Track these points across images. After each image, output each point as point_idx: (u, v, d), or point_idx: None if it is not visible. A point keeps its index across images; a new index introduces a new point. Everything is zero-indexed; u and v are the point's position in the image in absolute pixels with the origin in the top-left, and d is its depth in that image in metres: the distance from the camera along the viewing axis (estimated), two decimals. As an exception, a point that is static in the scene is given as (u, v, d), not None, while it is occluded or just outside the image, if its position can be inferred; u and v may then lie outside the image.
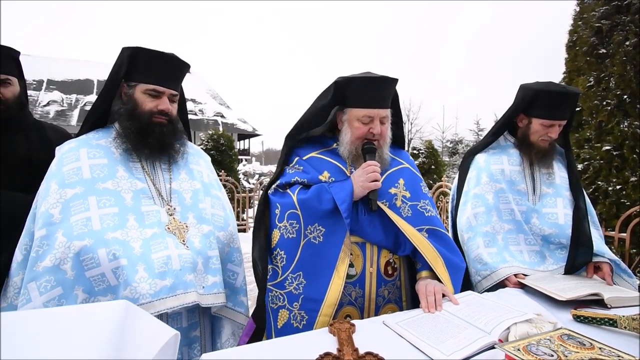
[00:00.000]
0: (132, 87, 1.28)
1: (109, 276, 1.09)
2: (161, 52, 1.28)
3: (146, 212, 1.23)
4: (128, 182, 1.24)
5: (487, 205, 1.62)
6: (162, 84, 1.28)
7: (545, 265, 1.55)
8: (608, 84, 3.18)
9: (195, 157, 1.48)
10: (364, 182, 1.25)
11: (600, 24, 3.21)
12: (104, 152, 1.26)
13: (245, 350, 0.95)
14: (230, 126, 25.40)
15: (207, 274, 1.24)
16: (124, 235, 1.14)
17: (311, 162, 1.39)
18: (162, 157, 1.34)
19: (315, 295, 1.22)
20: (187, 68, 1.37)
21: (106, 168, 1.23)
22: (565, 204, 1.62)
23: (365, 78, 1.32)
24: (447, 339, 0.94)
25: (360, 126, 1.32)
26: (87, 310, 0.79)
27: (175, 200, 1.31)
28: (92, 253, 1.08)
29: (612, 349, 0.86)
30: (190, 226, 1.28)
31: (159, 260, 1.14)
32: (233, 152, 8.05)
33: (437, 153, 8.96)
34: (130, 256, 1.11)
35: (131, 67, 1.26)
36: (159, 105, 1.28)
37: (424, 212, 1.37)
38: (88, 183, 1.18)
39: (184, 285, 1.14)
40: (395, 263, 1.35)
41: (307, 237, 1.28)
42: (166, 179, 1.34)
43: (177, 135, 1.36)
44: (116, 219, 1.16)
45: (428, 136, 17.14)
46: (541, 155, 1.65)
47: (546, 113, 1.59)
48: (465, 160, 1.83)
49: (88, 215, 1.13)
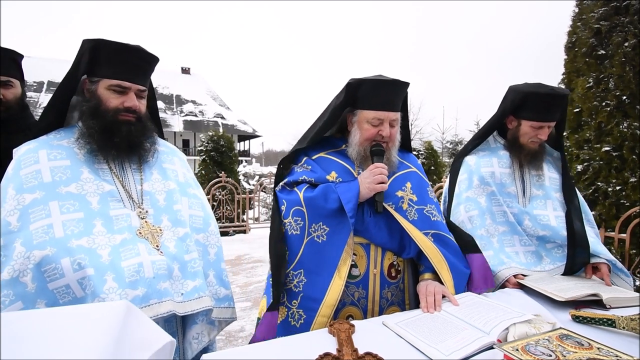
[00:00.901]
0: (94, 82, 1.18)
1: (74, 287, 1.00)
2: (125, 44, 1.18)
3: (115, 217, 1.14)
4: (94, 185, 1.15)
5: (480, 208, 1.62)
6: (128, 79, 1.19)
7: (542, 265, 1.55)
8: (607, 85, 3.19)
9: (169, 155, 1.39)
10: (371, 184, 1.26)
11: (600, 25, 3.22)
12: (66, 153, 1.16)
13: (246, 351, 0.95)
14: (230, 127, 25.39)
15: (185, 279, 1.16)
16: (90, 243, 1.05)
17: (319, 162, 1.40)
18: (132, 157, 1.25)
19: (314, 295, 1.22)
20: (156, 61, 1.28)
21: (69, 170, 1.13)
22: (555, 206, 1.61)
23: (377, 80, 1.33)
24: (446, 339, 0.95)
25: (370, 128, 1.33)
26: (88, 310, 0.79)
27: (147, 203, 1.23)
28: (55, 263, 1.00)
29: (611, 349, 0.87)
30: (165, 229, 1.21)
31: (130, 268, 1.06)
32: (233, 153, 8.06)
33: (437, 154, 8.97)
34: (98, 265, 1.03)
35: (93, 61, 1.16)
36: (125, 102, 1.19)
37: (430, 217, 1.38)
38: (49, 187, 1.09)
39: (157, 295, 1.07)
40: (399, 265, 1.36)
41: (311, 235, 1.28)
42: (137, 180, 1.25)
43: (146, 133, 1.27)
44: (81, 225, 1.07)
45: (428, 137, 17.15)
46: (531, 157, 1.65)
47: (535, 115, 1.58)
48: (455, 161, 1.82)
49: (49, 222, 1.04)
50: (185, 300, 1.14)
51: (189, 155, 35.96)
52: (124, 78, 1.19)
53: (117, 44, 1.17)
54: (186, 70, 43.54)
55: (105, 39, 1.16)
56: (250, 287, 4.32)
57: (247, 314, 3.46)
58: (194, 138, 33.67)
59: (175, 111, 35.60)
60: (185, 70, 43.37)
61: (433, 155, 8.74)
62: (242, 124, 30.70)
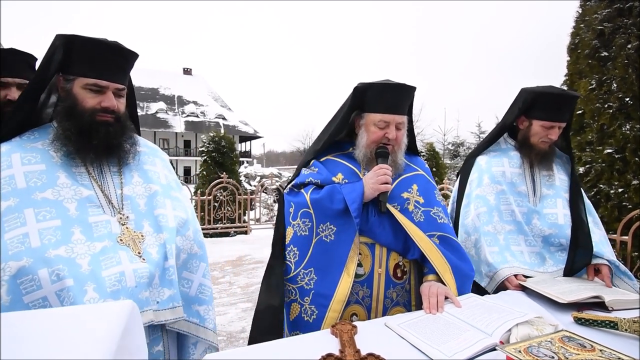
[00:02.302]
0: (70, 81, 1.12)
1: (52, 300, 0.95)
2: (102, 40, 1.12)
3: (94, 223, 1.09)
4: (71, 190, 1.09)
5: (488, 205, 1.64)
6: (105, 78, 1.12)
7: (545, 266, 1.56)
8: (610, 86, 3.19)
9: (150, 156, 1.33)
10: (375, 184, 1.29)
11: (603, 26, 3.22)
12: (41, 157, 1.09)
13: (247, 351, 0.96)
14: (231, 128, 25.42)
15: (162, 287, 1.12)
16: (68, 252, 1.00)
17: (326, 164, 1.44)
18: (111, 159, 1.19)
19: (325, 291, 1.26)
20: (134, 57, 1.21)
21: (44, 175, 1.07)
22: (564, 205, 1.64)
23: (384, 84, 1.36)
24: (448, 341, 0.95)
25: (376, 130, 1.36)
26: (91, 310, 0.79)
27: (127, 208, 1.17)
28: (32, 274, 0.94)
29: (613, 352, 0.86)
30: (147, 235, 1.15)
31: (111, 277, 1.02)
32: (234, 154, 8.07)
33: (439, 155, 8.96)
34: (77, 275, 0.98)
35: (68, 58, 1.10)
36: (102, 101, 1.13)
37: (436, 219, 1.39)
38: (23, 193, 1.03)
39: (140, 304, 1.02)
40: (405, 266, 1.37)
41: (319, 235, 1.33)
42: (116, 184, 1.19)
43: (126, 133, 1.21)
44: (59, 234, 1.01)
45: (429, 138, 17.15)
46: (541, 157, 1.67)
47: (546, 115, 1.61)
48: (466, 162, 1.86)
49: (25, 231, 0.98)
50: (159, 309, 1.09)
51: (190, 156, 36.07)
52: (101, 77, 1.12)
53: (93, 39, 1.10)
54: (188, 71, 43.66)
55: (80, 34, 1.10)
56: (251, 288, 4.32)
57: (248, 314, 3.46)
58: (195, 139, 33.74)
59: (176, 112, 35.67)
60: (187, 71, 43.49)
61: (435, 156, 8.73)
62: (244, 124, 30.75)
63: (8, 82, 1.46)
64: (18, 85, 1.50)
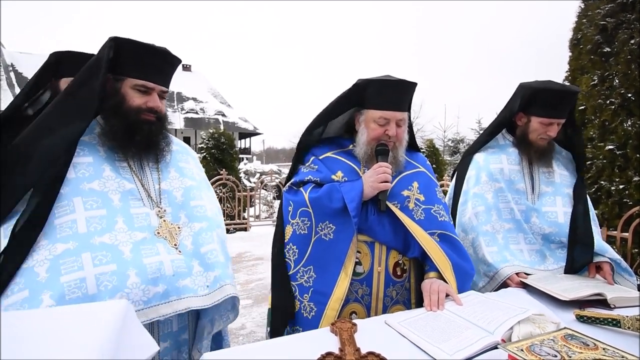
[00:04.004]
0: (119, 80, 1.19)
1: (90, 282, 1.00)
2: (152, 46, 1.21)
3: (135, 215, 1.16)
4: (115, 183, 1.16)
5: (486, 204, 1.62)
6: (153, 80, 1.21)
7: (546, 264, 1.54)
8: (612, 82, 3.16)
9: (183, 155, 1.42)
10: (374, 183, 1.27)
11: (606, 21, 3.19)
12: (89, 150, 1.18)
13: (246, 350, 0.95)
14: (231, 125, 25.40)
15: (207, 271, 1.19)
16: (112, 239, 1.07)
17: (326, 162, 1.42)
18: (150, 156, 1.27)
19: (324, 289, 1.27)
20: (179, 63, 1.31)
21: (91, 167, 1.15)
22: (565, 203, 1.61)
23: (384, 80, 1.34)
24: (449, 339, 0.94)
25: (377, 127, 1.34)
26: (88, 310, 0.78)
27: (165, 201, 1.25)
28: (76, 256, 1.01)
29: (616, 350, 0.86)
30: (183, 226, 1.24)
31: (152, 265, 1.08)
32: (234, 150, 8.05)
33: (439, 152, 8.94)
34: (120, 261, 1.05)
35: (119, 60, 1.17)
36: (148, 102, 1.21)
37: (437, 217, 1.38)
38: (73, 183, 1.10)
39: (177, 292, 1.09)
40: (405, 265, 1.36)
41: (318, 234, 1.32)
42: (155, 179, 1.27)
43: (163, 132, 1.29)
44: (104, 222, 1.09)
45: (429, 135, 17.10)
46: (540, 153, 1.65)
47: (545, 111, 1.58)
48: (463, 159, 1.83)
49: (74, 218, 1.06)
50: (211, 292, 1.16)
51: (190, 153, 35.79)
52: (149, 79, 1.21)
53: (144, 44, 1.20)
54: (187, 68, 43.49)
55: (132, 39, 1.19)
56: (251, 284, 4.32)
57: (248, 311, 3.46)
58: (194, 135, 33.64)
59: (176, 108, 35.57)
60: (186, 68, 43.33)
61: (435, 153, 8.70)
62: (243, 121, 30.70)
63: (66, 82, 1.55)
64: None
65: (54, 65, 1.60)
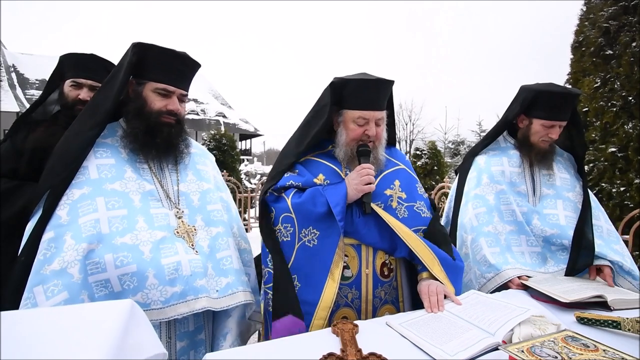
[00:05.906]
0: (141, 84, 1.24)
1: (114, 282, 1.06)
2: (173, 50, 1.25)
3: (155, 215, 1.19)
4: (136, 184, 1.20)
5: (488, 205, 1.62)
6: (173, 84, 1.25)
7: (547, 267, 1.54)
8: (614, 85, 3.16)
9: (201, 157, 1.46)
10: (358, 185, 1.25)
11: (608, 24, 3.19)
12: (111, 152, 1.23)
13: (248, 350, 0.95)
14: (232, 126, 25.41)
15: (219, 276, 1.22)
16: (133, 239, 1.11)
17: (306, 165, 1.39)
18: (168, 157, 1.30)
19: (309, 299, 1.21)
20: (198, 67, 1.35)
21: (114, 168, 1.20)
22: (566, 206, 1.61)
23: (361, 80, 1.32)
24: (450, 340, 0.94)
25: (356, 128, 1.32)
26: (91, 309, 0.79)
27: (183, 203, 1.28)
28: (99, 257, 1.06)
29: (617, 352, 0.86)
30: (199, 229, 1.26)
31: (169, 266, 1.11)
32: (235, 152, 8.06)
33: (440, 154, 8.91)
34: (140, 261, 1.08)
35: (142, 64, 1.22)
36: (168, 105, 1.25)
37: (420, 213, 1.38)
38: (96, 183, 1.15)
39: (194, 291, 1.12)
40: (392, 264, 1.35)
41: (302, 240, 1.28)
42: (174, 180, 1.31)
43: (182, 135, 1.33)
44: (125, 222, 1.12)
45: (430, 137, 17.12)
46: (541, 156, 1.65)
47: (547, 114, 1.59)
48: (465, 161, 1.83)
49: (96, 217, 1.10)
50: (220, 297, 1.19)
51: (191, 154, 35.78)
52: (170, 82, 1.24)
53: (167, 49, 1.24)
54: (189, 69, 43.46)
55: (155, 44, 1.23)
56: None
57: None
58: (195, 137, 33.67)
59: (177, 109, 35.47)
60: (188, 69, 43.30)
61: (436, 155, 8.67)
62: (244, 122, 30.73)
63: (81, 83, 1.61)
64: (90, 87, 1.62)
65: (60, 68, 1.67)
